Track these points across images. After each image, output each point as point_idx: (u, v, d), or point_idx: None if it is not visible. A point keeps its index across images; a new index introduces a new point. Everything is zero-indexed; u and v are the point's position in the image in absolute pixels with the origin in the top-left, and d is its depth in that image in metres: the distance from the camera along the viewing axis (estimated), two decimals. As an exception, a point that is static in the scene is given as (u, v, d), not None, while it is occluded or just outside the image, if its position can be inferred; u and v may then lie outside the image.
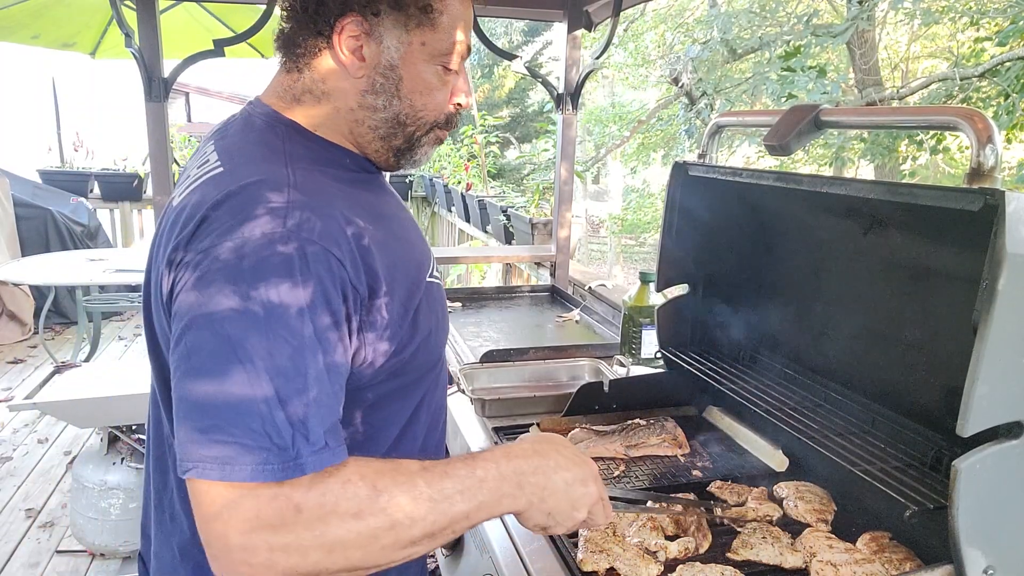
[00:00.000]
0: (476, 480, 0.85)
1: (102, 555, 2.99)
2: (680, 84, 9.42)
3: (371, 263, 0.86)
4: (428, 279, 1.00)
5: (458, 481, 0.83)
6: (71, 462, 3.78)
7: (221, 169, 0.88)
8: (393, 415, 0.99)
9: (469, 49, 0.99)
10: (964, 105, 6.01)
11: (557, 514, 0.92)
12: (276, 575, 0.74)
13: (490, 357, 2.04)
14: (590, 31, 2.96)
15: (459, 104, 1.01)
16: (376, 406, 0.96)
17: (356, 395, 0.91)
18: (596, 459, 1.51)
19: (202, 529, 0.75)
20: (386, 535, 0.77)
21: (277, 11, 1.00)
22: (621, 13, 2.71)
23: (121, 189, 6.71)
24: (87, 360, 4.84)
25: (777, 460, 1.50)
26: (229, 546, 0.73)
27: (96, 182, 6.71)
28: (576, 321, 2.60)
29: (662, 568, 1.14)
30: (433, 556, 2.97)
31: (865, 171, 9.82)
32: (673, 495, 1.30)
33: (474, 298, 2.86)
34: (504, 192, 7.05)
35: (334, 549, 0.75)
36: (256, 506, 0.73)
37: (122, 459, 2.77)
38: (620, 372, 1.90)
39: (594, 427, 1.60)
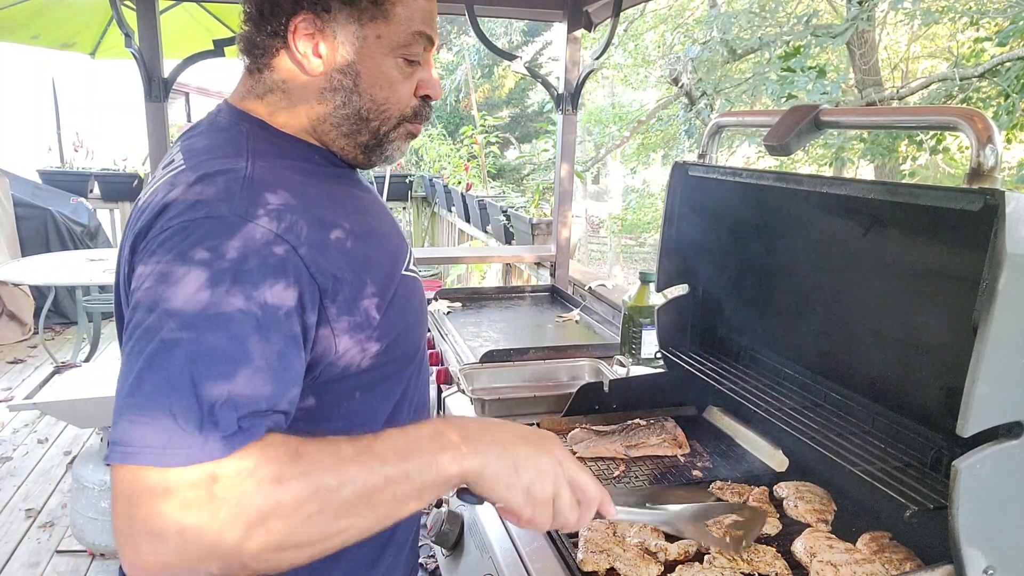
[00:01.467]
0: (410, 438, 0.79)
1: (102, 555, 2.99)
2: (680, 84, 9.41)
3: (333, 257, 0.86)
4: (404, 272, 1.00)
5: (388, 441, 0.77)
6: (71, 462, 3.78)
7: (183, 167, 0.89)
8: (372, 409, 0.98)
9: (432, 40, 0.98)
10: (964, 105, 6.01)
11: (534, 485, 0.82)
12: (192, 560, 0.67)
13: (490, 357, 2.04)
14: (590, 31, 2.96)
15: (427, 96, 1.00)
16: (353, 400, 0.95)
17: (332, 388, 0.91)
18: (596, 459, 1.51)
19: (112, 514, 0.69)
20: (311, 501, 0.71)
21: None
22: (621, 13, 2.71)
23: (121, 189, 6.71)
24: (87, 360, 4.84)
25: (777, 460, 1.50)
26: (134, 531, 0.67)
27: (96, 182, 6.71)
28: (576, 321, 2.60)
29: (662, 568, 1.14)
30: (433, 556, 2.97)
31: (865, 171, 9.82)
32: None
33: (474, 298, 2.86)
34: (504, 192, 7.05)
35: (253, 523, 0.68)
36: (165, 481, 0.67)
37: (122, 459, 2.77)
38: (620, 372, 1.90)
39: (594, 427, 1.61)
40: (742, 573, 1.12)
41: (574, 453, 1.52)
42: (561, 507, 0.85)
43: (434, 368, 2.12)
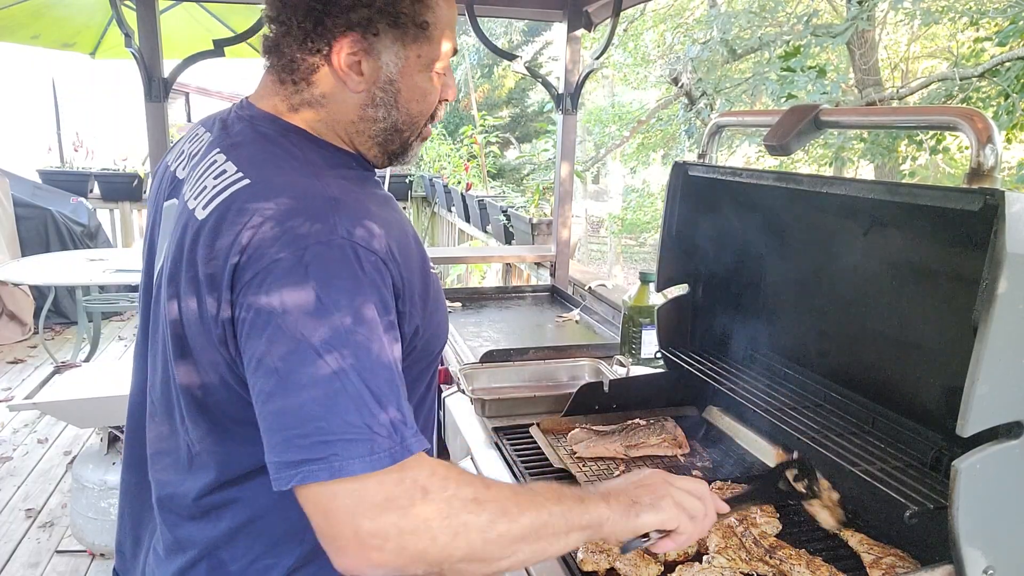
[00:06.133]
0: (551, 488, 0.89)
1: (102, 555, 2.99)
2: (680, 84, 9.41)
3: (400, 262, 0.89)
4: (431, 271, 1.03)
5: (540, 487, 0.89)
6: (71, 462, 3.78)
7: (248, 181, 0.88)
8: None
9: (456, 51, 1.02)
10: (964, 105, 6.00)
11: (656, 510, 0.92)
12: (407, 560, 0.75)
13: (490, 357, 2.04)
14: (590, 31, 2.96)
15: (445, 99, 1.04)
16: None
17: None
18: (596, 459, 1.51)
19: (327, 530, 0.76)
20: (500, 524, 0.79)
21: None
22: (621, 13, 2.71)
23: (121, 189, 6.72)
24: (87, 360, 4.84)
25: (777, 460, 1.50)
26: (360, 535, 0.74)
27: (96, 182, 6.72)
28: (576, 321, 2.60)
29: (662, 568, 1.14)
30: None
31: (865, 171, 9.81)
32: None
33: (474, 298, 2.86)
34: (504, 192, 7.05)
35: (459, 533, 0.77)
36: (384, 491, 0.75)
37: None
38: (620, 372, 1.90)
39: (594, 427, 1.60)
40: (741, 573, 1.12)
41: (574, 453, 1.52)
42: (691, 508, 0.95)
43: (434, 368, 2.12)
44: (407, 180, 8.14)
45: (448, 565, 0.78)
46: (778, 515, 1.30)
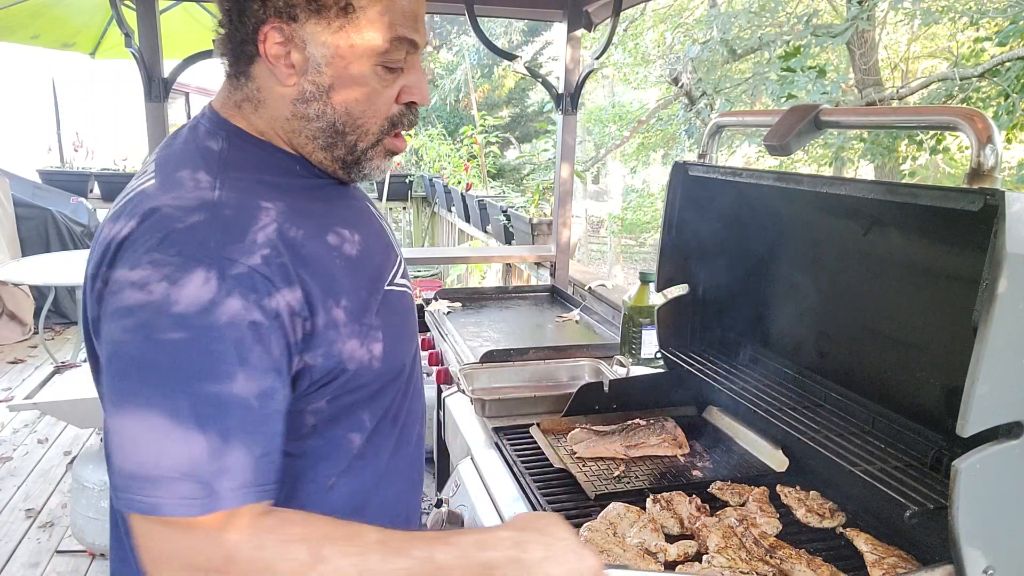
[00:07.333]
0: (434, 566, 0.77)
1: (102, 555, 2.99)
2: (680, 84, 9.41)
3: (307, 277, 0.84)
4: (388, 287, 0.97)
5: (415, 563, 0.76)
6: (71, 462, 3.78)
7: (152, 182, 0.87)
8: (353, 427, 0.95)
9: (417, 44, 0.92)
10: (964, 105, 6.00)
11: None
12: None
13: (490, 357, 2.04)
14: (590, 31, 2.97)
15: (412, 103, 0.96)
16: (331, 419, 0.92)
17: (306, 408, 0.89)
18: (596, 459, 1.51)
19: (141, 564, 0.74)
20: None
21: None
22: (621, 13, 2.71)
23: (121, 189, 6.65)
24: (87, 360, 4.83)
25: (777, 460, 1.50)
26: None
27: (96, 182, 6.72)
28: (576, 321, 2.60)
29: (662, 568, 1.14)
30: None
31: (865, 171, 9.80)
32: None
33: (474, 298, 2.86)
34: (504, 192, 7.05)
35: None
36: (188, 547, 0.72)
37: (122, 459, 2.77)
38: (620, 372, 1.89)
39: (594, 427, 1.60)
40: (741, 573, 1.12)
41: (574, 453, 1.52)
42: None
43: (434, 368, 2.13)
44: (407, 180, 8.15)
45: None
46: (778, 515, 1.30)
